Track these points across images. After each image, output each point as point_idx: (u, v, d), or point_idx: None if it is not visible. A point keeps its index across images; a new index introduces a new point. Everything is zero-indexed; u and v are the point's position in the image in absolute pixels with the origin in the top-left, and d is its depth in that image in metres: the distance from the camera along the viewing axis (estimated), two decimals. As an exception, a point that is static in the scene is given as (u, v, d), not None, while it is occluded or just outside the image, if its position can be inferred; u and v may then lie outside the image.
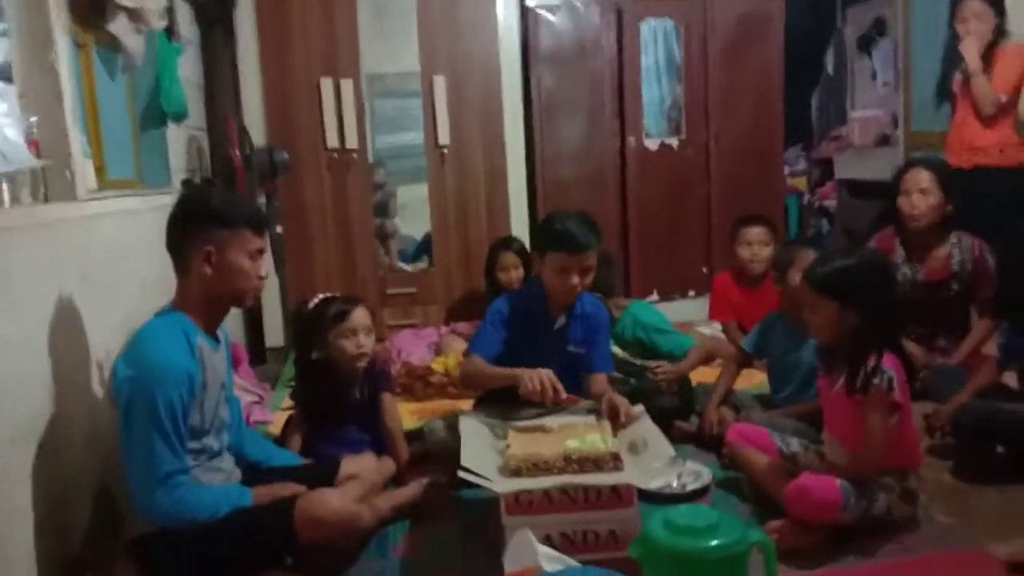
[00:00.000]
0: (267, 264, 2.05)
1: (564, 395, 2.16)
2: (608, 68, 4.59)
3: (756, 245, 3.49)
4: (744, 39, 4.70)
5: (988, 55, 3.45)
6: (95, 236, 2.27)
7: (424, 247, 4.59)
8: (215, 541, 1.80)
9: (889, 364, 1.97)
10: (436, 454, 2.46)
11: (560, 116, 4.55)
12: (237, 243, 1.89)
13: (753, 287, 3.53)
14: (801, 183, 6.24)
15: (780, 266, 2.70)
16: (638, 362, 2.98)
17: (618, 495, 1.82)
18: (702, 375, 3.04)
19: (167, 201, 1.98)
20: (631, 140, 4.63)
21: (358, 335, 2.44)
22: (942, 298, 3.07)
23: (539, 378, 2.15)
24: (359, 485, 2.13)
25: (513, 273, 3.67)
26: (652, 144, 4.69)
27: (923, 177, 3.03)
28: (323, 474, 2.14)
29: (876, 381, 1.94)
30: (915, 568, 1.83)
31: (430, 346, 3.90)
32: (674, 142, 4.72)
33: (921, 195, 3.02)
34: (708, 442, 2.61)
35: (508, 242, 3.84)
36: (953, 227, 3.08)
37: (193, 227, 1.89)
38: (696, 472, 2.35)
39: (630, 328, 3.03)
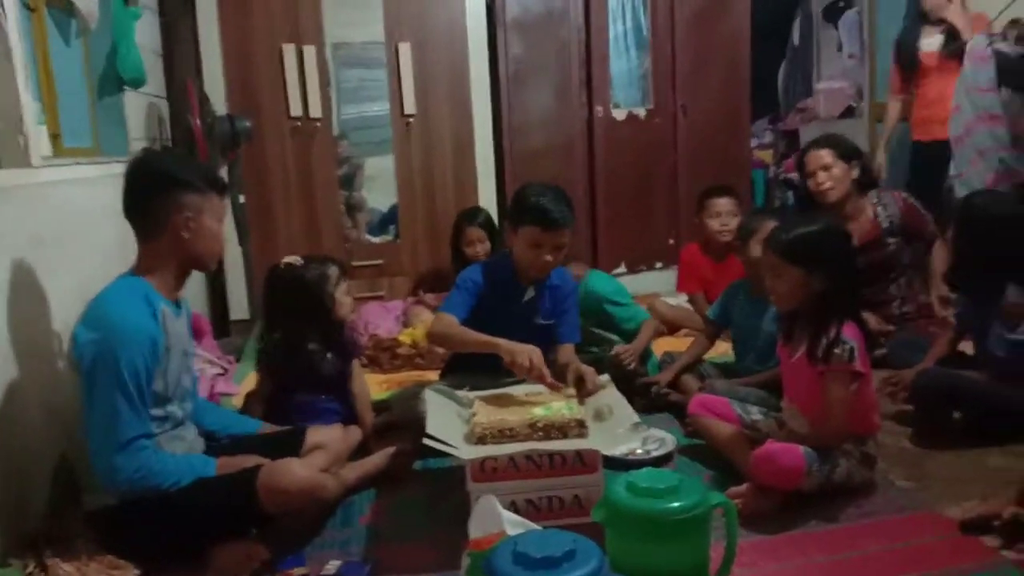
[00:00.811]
0: (228, 225, 2.07)
1: (549, 379, 2.13)
2: (576, 37, 4.56)
3: (725, 216, 3.50)
4: (711, 9, 4.70)
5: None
6: (50, 203, 2.22)
7: (390, 219, 4.55)
8: (177, 512, 1.79)
9: (849, 333, 1.99)
10: (402, 424, 2.45)
11: (527, 85, 4.52)
12: (211, 208, 1.93)
13: (720, 259, 3.55)
14: (767, 156, 6.27)
15: (743, 235, 2.72)
16: (596, 331, 2.97)
17: (583, 461, 1.82)
18: (669, 344, 3.07)
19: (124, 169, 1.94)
20: (599, 110, 4.62)
21: (350, 292, 2.52)
22: (880, 258, 3.15)
23: (529, 357, 2.12)
24: (324, 455, 2.12)
25: (479, 247, 3.63)
26: (620, 114, 4.67)
27: (821, 154, 3.16)
28: (288, 444, 2.12)
29: (837, 351, 1.97)
30: (873, 531, 1.87)
31: (397, 318, 3.88)
32: (641, 112, 4.71)
33: (824, 171, 3.14)
34: (656, 396, 2.69)
35: (473, 215, 3.76)
36: (867, 189, 3.20)
37: (168, 193, 1.87)
38: (660, 439, 2.38)
39: (583, 299, 3.01)
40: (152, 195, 1.88)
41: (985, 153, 3.49)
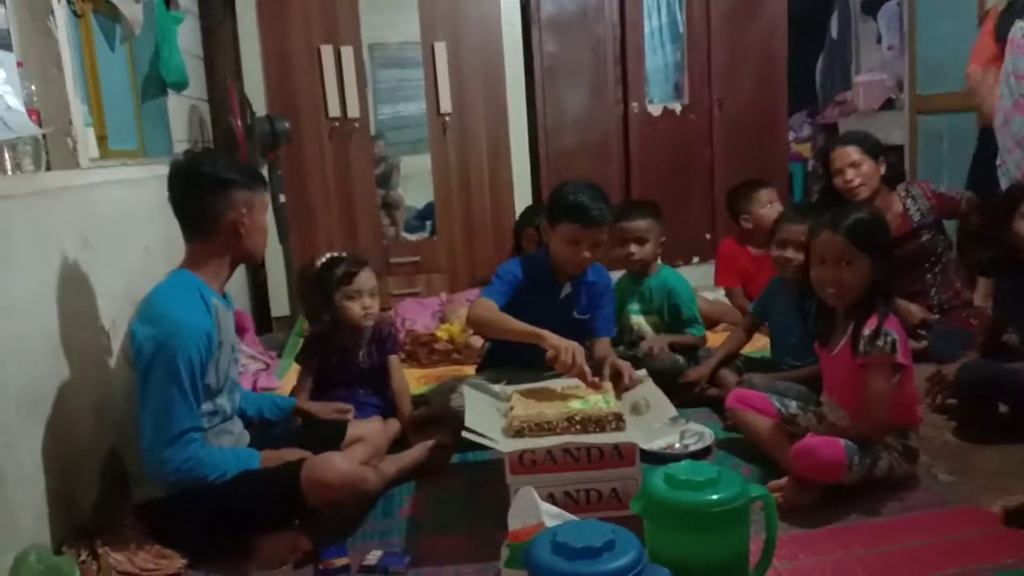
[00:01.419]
0: (269, 224, 2.16)
1: (591, 378, 2.12)
2: (610, 33, 4.55)
3: (776, 203, 3.48)
4: (747, 2, 4.65)
5: None
6: (97, 204, 2.28)
7: (427, 216, 4.59)
8: (223, 503, 1.83)
9: (890, 325, 1.97)
10: (441, 418, 2.47)
11: (562, 83, 4.53)
12: (258, 203, 2.00)
13: (761, 251, 3.51)
14: (806, 150, 6.19)
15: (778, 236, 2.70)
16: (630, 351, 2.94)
17: (620, 454, 1.83)
18: (708, 338, 3.06)
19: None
20: (634, 106, 4.60)
21: (363, 297, 2.47)
22: (915, 248, 3.12)
23: (573, 354, 2.12)
24: (365, 448, 2.16)
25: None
26: (655, 110, 4.66)
27: (849, 151, 3.11)
28: (330, 437, 2.16)
29: (880, 343, 1.94)
30: (916, 525, 1.85)
31: (434, 314, 3.91)
32: (677, 107, 4.69)
33: (853, 168, 3.08)
34: (697, 394, 2.68)
35: (530, 218, 3.73)
36: (895, 184, 3.18)
37: (221, 192, 1.93)
38: (699, 433, 2.37)
39: (659, 294, 2.98)
40: (206, 195, 1.93)
41: (1022, 142, 3.41)
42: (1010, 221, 2.36)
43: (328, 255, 2.55)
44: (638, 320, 2.99)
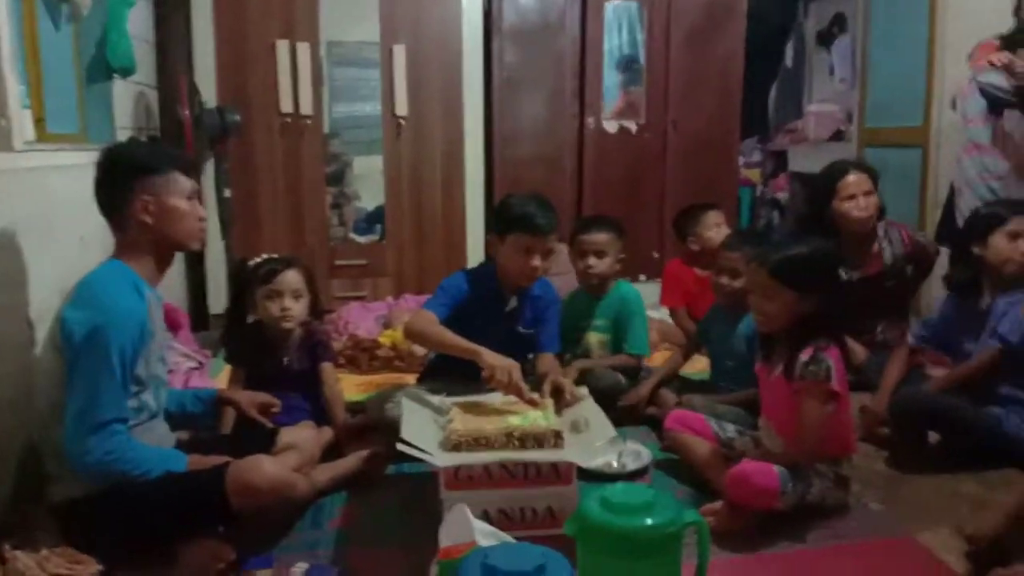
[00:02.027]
0: (212, 219, 2.04)
1: (528, 396, 2.11)
2: (571, 48, 4.56)
3: (724, 226, 3.51)
4: (707, 27, 4.71)
5: None
6: (31, 189, 2.19)
7: (377, 219, 4.53)
8: (143, 506, 1.76)
9: (829, 354, 1.99)
10: (377, 427, 2.43)
11: (520, 94, 4.52)
12: (171, 187, 1.91)
13: (707, 273, 3.54)
14: (755, 175, 6.30)
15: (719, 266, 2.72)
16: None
17: (557, 472, 1.81)
18: (651, 360, 3.08)
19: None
20: (590, 121, 4.62)
21: (284, 297, 2.40)
22: (878, 293, 3.13)
23: (509, 374, 2.10)
24: (296, 455, 2.11)
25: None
26: (611, 127, 4.68)
27: (864, 179, 3.08)
28: (261, 443, 2.10)
29: (813, 368, 1.97)
30: (845, 553, 1.87)
31: (379, 319, 3.86)
32: (632, 126, 4.72)
33: (866, 197, 3.06)
34: (638, 417, 2.67)
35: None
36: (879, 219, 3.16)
37: (125, 180, 1.87)
38: (636, 452, 2.37)
39: (614, 309, 2.95)
40: (110, 184, 1.89)
41: (971, 182, 3.52)
42: (985, 239, 2.43)
43: (265, 255, 2.49)
44: (589, 337, 2.97)
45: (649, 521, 1.42)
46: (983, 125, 3.47)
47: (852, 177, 3.07)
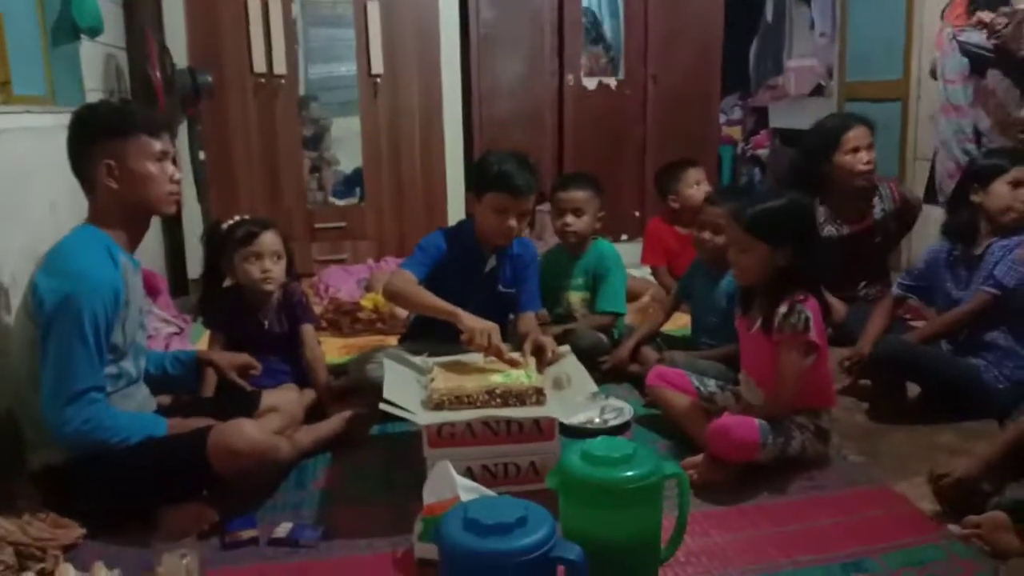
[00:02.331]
0: (187, 183, 1.99)
1: (507, 356, 2.11)
2: (548, 3, 4.51)
3: (704, 183, 3.50)
4: (686, -20, 4.66)
5: None
6: (-2, 153, 2.14)
7: (356, 181, 4.48)
8: (125, 471, 1.75)
9: (807, 306, 2.00)
10: (360, 388, 2.43)
11: (498, 51, 4.47)
12: (136, 150, 1.84)
13: (688, 231, 3.54)
14: (736, 133, 6.27)
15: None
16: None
17: (540, 428, 1.82)
18: (630, 316, 3.07)
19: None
20: (569, 78, 4.58)
21: (264, 259, 2.38)
22: (865, 249, 3.14)
23: (487, 336, 2.11)
24: (278, 417, 2.11)
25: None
26: (590, 83, 4.64)
27: (866, 132, 3.05)
28: (243, 407, 2.09)
29: (793, 320, 1.97)
30: (824, 504, 1.89)
31: (360, 282, 3.83)
32: (612, 82, 4.67)
33: (868, 151, 3.04)
34: (620, 375, 2.66)
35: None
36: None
37: (89, 143, 1.83)
38: (618, 408, 2.39)
39: (592, 267, 2.94)
40: (75, 146, 1.85)
41: (946, 143, 3.54)
42: (986, 186, 2.44)
43: (237, 217, 2.46)
44: (570, 296, 2.97)
45: (629, 473, 1.43)
46: (961, 85, 3.47)
47: (855, 131, 3.05)
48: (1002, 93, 3.37)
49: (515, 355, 2.13)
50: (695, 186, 3.49)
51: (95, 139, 1.82)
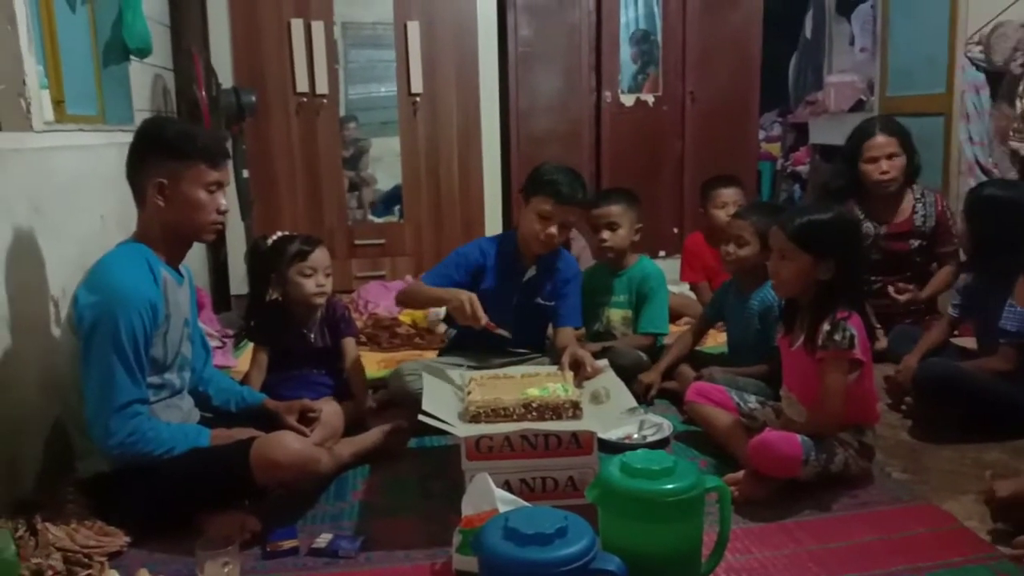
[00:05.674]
0: (230, 200, 2.02)
1: (484, 319, 2.20)
2: (586, 21, 4.52)
3: (731, 206, 3.45)
4: (723, -2, 4.65)
5: None
6: (52, 169, 2.21)
7: (395, 199, 4.53)
8: (169, 480, 1.78)
9: (851, 322, 1.98)
10: (399, 401, 2.44)
11: (536, 68, 4.49)
12: (191, 175, 1.86)
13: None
14: (775, 149, 6.23)
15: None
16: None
17: (578, 442, 1.82)
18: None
19: (129, 138, 1.92)
20: (607, 95, 4.59)
21: (318, 274, 2.43)
22: (901, 251, 3.14)
23: (470, 302, 2.21)
24: (320, 429, 2.13)
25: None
26: (628, 100, 4.64)
27: (889, 142, 3.09)
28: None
29: (837, 337, 1.95)
30: (867, 522, 1.85)
31: (398, 297, 3.86)
32: (650, 99, 4.68)
33: (889, 160, 3.08)
34: (647, 401, 2.61)
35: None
36: (911, 181, 3.17)
37: (147, 158, 1.86)
38: (657, 424, 2.37)
39: (634, 285, 2.92)
40: (134, 160, 1.88)
41: (960, 148, 3.58)
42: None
43: (279, 233, 2.50)
44: (610, 313, 2.95)
45: (670, 485, 1.42)
46: (974, 95, 3.56)
47: (877, 140, 3.11)
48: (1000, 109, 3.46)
49: (552, 368, 2.13)
50: (722, 208, 3.43)
51: (154, 155, 1.85)
